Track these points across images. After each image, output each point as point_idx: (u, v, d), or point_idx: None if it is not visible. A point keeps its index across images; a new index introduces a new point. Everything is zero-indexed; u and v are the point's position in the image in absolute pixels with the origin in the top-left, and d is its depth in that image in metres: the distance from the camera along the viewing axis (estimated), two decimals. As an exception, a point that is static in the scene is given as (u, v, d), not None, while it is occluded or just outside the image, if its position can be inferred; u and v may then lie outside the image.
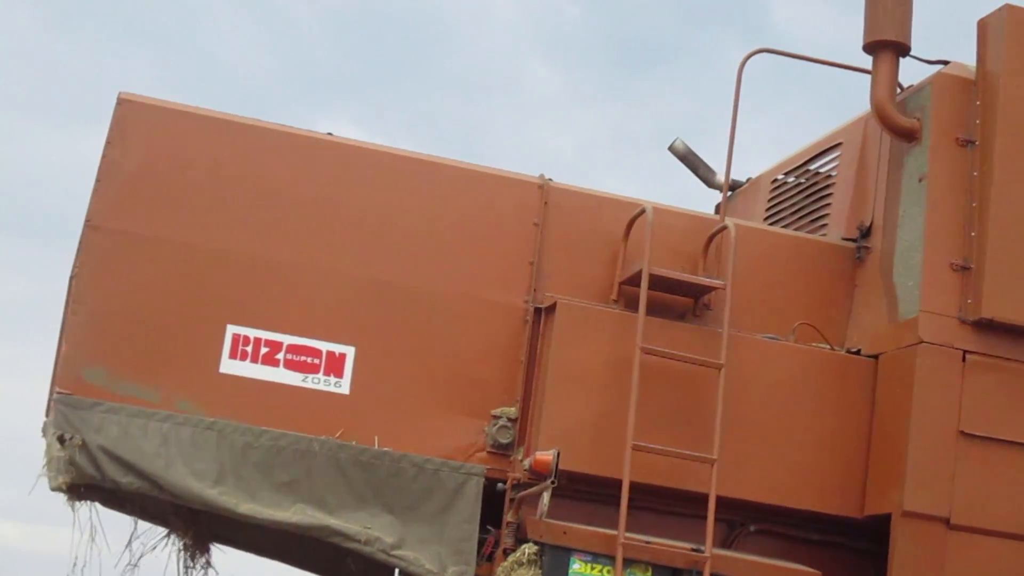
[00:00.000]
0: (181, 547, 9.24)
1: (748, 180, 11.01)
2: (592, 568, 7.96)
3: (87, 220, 8.06)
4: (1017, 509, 8.25)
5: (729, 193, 10.89)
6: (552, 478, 7.73)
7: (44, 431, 9.27)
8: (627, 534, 7.83)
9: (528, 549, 7.96)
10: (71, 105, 26.78)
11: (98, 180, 8.10)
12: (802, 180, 9.97)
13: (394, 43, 28.05)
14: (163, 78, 27.62)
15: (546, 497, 7.78)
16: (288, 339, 8.16)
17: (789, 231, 9.40)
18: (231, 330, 8.10)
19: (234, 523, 8.89)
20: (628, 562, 7.86)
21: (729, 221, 8.68)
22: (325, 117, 29.41)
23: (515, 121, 27.40)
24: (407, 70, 28.22)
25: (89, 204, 8.10)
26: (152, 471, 7.86)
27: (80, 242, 9.15)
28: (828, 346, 8.77)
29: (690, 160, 11.01)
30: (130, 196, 8.11)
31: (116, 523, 9.03)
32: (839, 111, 26.04)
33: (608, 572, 7.93)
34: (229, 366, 8.08)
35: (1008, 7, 8.56)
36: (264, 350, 8.12)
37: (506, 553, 8.14)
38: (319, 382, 8.16)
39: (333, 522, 8.02)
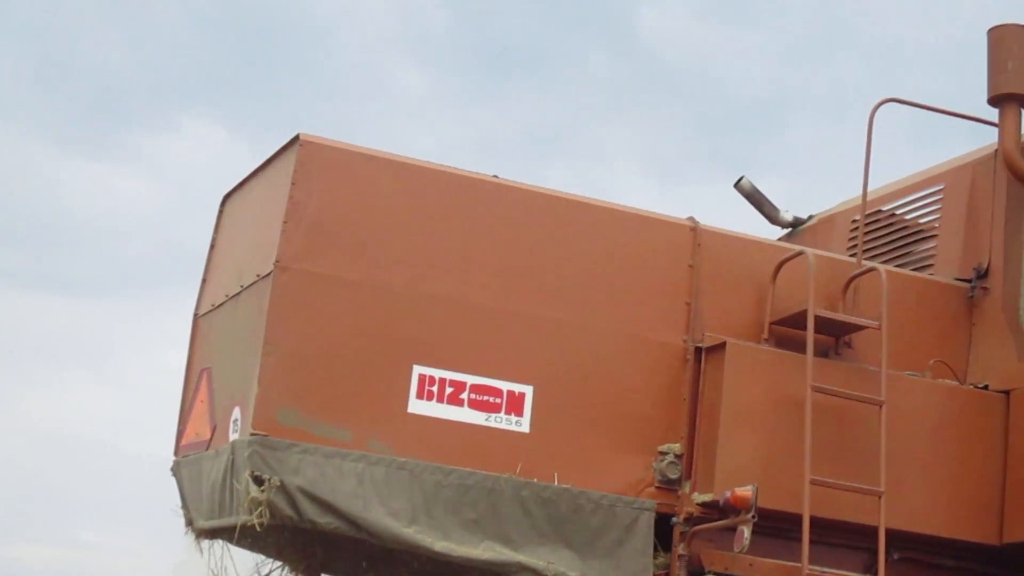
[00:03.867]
0: None
1: (810, 217, 11.45)
2: (773, 598, 8.34)
3: (276, 261, 8.11)
4: None
5: (791, 230, 11.40)
6: (752, 513, 8.03)
7: (175, 472, 9.39)
8: (809, 566, 8.20)
9: None
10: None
11: (285, 221, 8.15)
12: (892, 221, 10.41)
13: (260, 43, 28.01)
14: (16, 75, 27.11)
15: (747, 531, 8.07)
16: (471, 379, 8.31)
17: (915, 273, 9.82)
18: (417, 370, 8.22)
19: (349, 556, 9.10)
20: (805, 592, 8.23)
21: (879, 266, 9.11)
22: (189, 117, 29.10)
23: (382, 123, 27.59)
24: (274, 70, 28.14)
25: (278, 245, 8.15)
26: (351, 511, 7.95)
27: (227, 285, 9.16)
28: (959, 382, 9.24)
29: (755, 198, 11.40)
30: (316, 237, 8.17)
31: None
32: (709, 120, 26.83)
33: None
34: (416, 406, 8.20)
35: None
36: (449, 390, 8.26)
37: (679, 585, 8.44)
38: (501, 421, 8.34)
39: (522, 558, 8.21)
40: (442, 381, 8.27)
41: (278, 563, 9.37)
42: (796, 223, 11.46)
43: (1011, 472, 9.03)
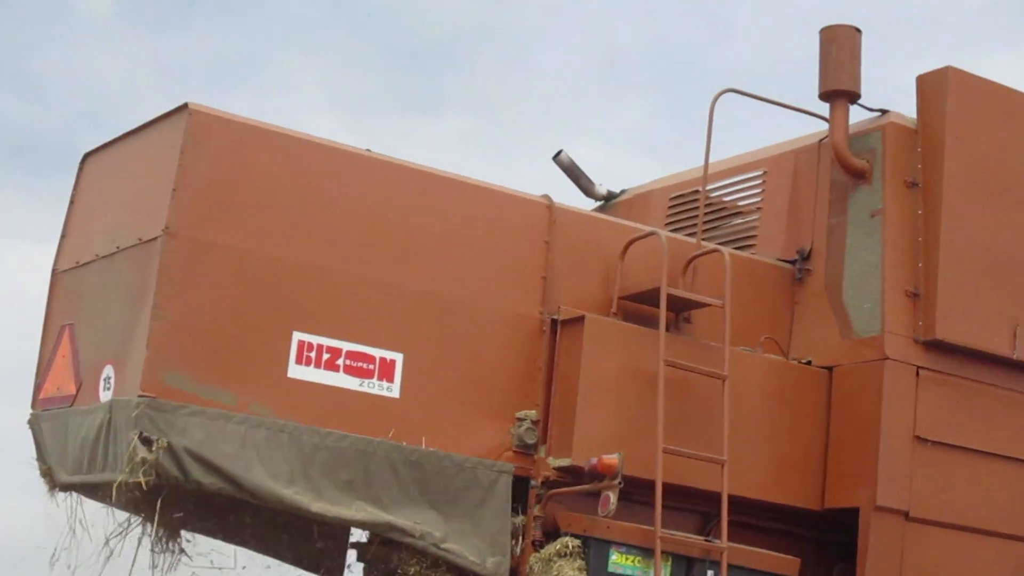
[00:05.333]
0: (154, 535, 9.56)
1: (623, 192, 12.05)
2: (626, 559, 8.90)
3: (166, 228, 8.28)
4: (962, 504, 9.73)
5: (602, 203, 11.99)
6: (619, 479, 8.58)
7: (32, 424, 9.48)
8: (663, 530, 8.80)
9: (571, 542, 8.80)
10: None
11: (175, 189, 8.33)
12: (713, 201, 11.04)
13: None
14: None
15: (613, 496, 8.60)
16: (347, 345, 8.65)
17: (749, 254, 10.44)
18: (297, 336, 8.52)
19: (205, 511, 9.34)
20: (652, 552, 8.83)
21: (723, 248, 9.73)
22: None
23: (65, 47, 26.93)
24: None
25: (168, 212, 8.32)
26: (234, 472, 8.22)
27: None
28: (784, 358, 9.95)
29: (572, 172, 11.96)
30: (205, 206, 8.36)
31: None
32: (396, 55, 27.18)
33: (638, 561, 8.90)
34: (296, 371, 8.50)
35: (951, 69, 9.92)
36: (326, 356, 8.59)
37: (535, 544, 8.94)
38: (374, 387, 8.70)
39: (391, 518, 8.60)
40: (320, 347, 8.59)
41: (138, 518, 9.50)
42: (609, 196, 12.06)
43: (832, 444, 9.81)
